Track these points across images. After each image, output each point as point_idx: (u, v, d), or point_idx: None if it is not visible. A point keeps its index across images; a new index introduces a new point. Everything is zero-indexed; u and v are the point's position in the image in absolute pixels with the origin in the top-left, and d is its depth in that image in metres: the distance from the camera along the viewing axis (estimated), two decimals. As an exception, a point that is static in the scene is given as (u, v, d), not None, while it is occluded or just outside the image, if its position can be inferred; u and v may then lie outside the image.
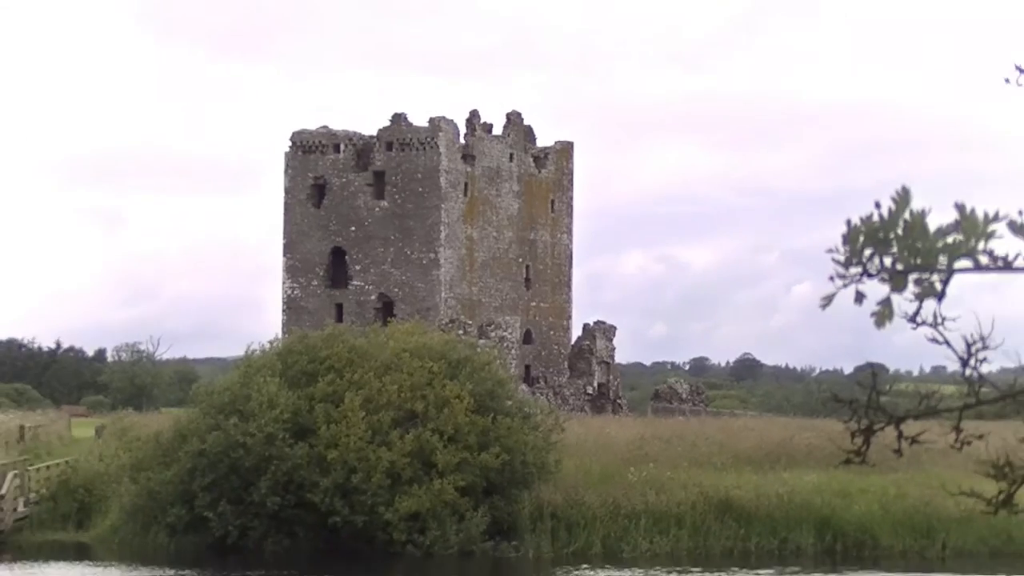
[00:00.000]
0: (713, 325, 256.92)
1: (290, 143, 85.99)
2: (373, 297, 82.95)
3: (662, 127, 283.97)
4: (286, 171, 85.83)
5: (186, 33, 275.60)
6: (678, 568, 42.34)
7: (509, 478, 45.93)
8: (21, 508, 49.99)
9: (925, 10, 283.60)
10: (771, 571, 41.83)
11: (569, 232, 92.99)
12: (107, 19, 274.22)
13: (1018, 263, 4.17)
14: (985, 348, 4.28)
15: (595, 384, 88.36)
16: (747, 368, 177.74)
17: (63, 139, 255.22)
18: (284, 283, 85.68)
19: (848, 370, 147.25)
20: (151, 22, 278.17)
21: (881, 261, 4.17)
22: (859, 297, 4.21)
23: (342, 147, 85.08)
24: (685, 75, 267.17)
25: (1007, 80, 4.48)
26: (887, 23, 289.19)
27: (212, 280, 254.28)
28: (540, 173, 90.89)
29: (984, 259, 4.16)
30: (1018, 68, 4.45)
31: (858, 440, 4.50)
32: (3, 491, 49.23)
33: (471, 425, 45.87)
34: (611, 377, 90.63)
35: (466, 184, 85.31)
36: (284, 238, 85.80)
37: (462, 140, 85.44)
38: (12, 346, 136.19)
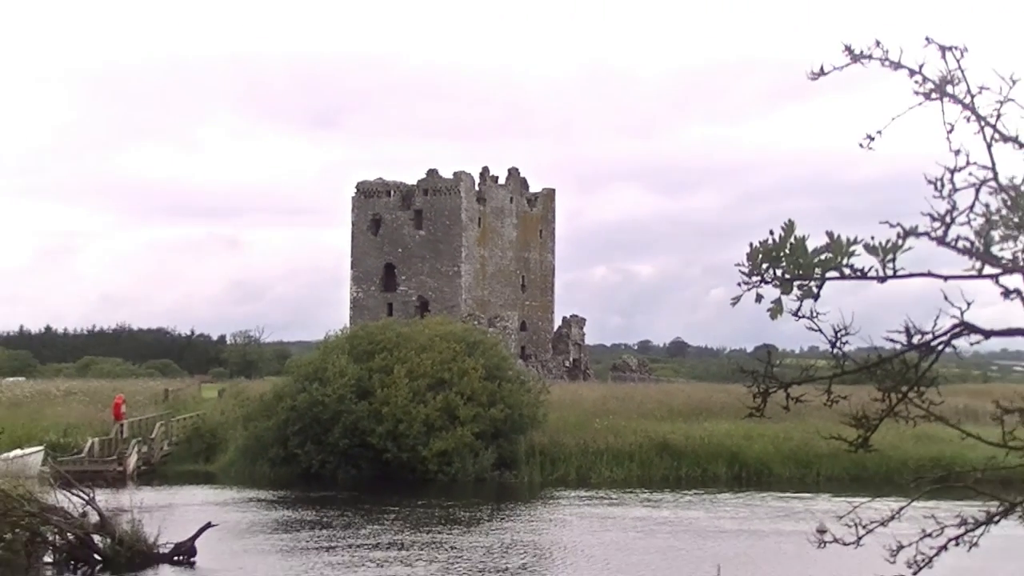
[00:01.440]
0: (655, 317, 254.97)
1: (355, 190, 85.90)
2: (414, 298, 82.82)
3: (618, 178, 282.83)
4: (352, 209, 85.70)
5: (284, 111, 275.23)
6: (630, 489, 42.29)
7: (510, 426, 45.85)
8: (166, 447, 49.97)
9: (801, 91, 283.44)
10: (696, 491, 41.76)
11: (552, 252, 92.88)
12: (240, 101, 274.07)
13: (871, 273, 4.17)
14: (847, 334, 4.28)
15: (571, 359, 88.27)
16: (679, 348, 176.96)
17: (200, 188, 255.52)
18: (351, 288, 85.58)
19: (750, 349, 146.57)
20: (264, 106, 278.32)
21: (774, 272, 4.18)
22: (758, 297, 4.21)
23: (392, 192, 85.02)
24: (634, 141, 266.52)
25: (861, 145, 4.49)
26: (770, 100, 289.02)
27: (300, 286, 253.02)
28: (532, 210, 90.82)
29: (847, 271, 4.16)
30: (868, 136, 4.45)
31: (758, 400, 4.50)
32: (153, 435, 49.34)
33: (483, 389, 45.80)
34: (582, 354, 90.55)
35: (479, 218, 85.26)
36: (351, 256, 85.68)
37: (477, 188, 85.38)
38: (160, 333, 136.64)
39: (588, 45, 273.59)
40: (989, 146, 4.27)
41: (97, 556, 26.52)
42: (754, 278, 4.18)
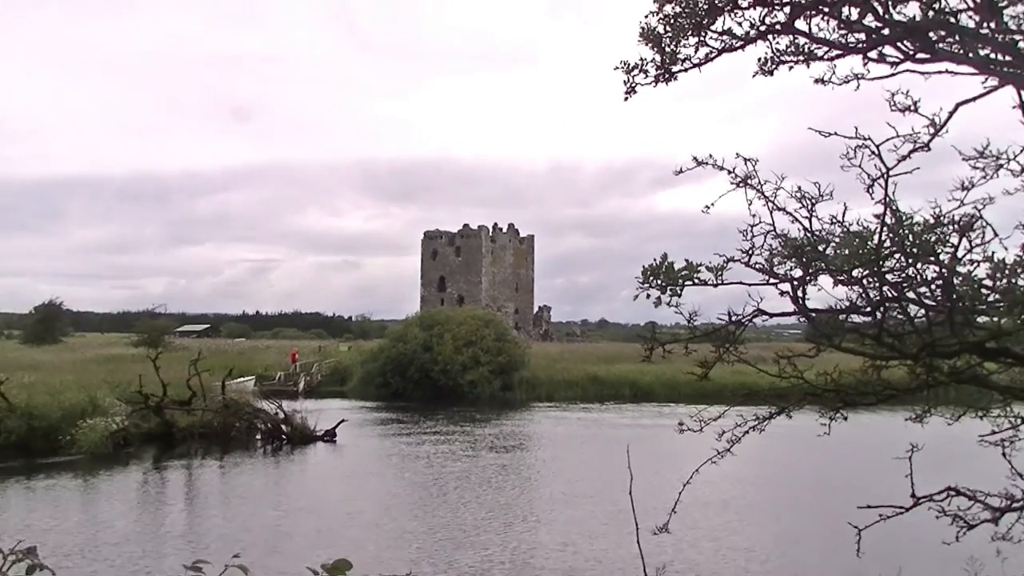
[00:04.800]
0: (591, 306, 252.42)
1: (423, 235, 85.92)
2: (455, 296, 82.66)
3: (569, 229, 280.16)
4: (422, 245, 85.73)
5: (384, 191, 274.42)
6: (575, 403, 42.02)
7: (509, 367, 45.42)
8: (319, 377, 49.77)
9: (671, 180, 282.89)
10: (612, 403, 41.50)
11: (533, 270, 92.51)
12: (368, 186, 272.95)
13: (709, 283, 4.19)
14: (697, 316, 4.30)
15: (543, 330, 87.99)
16: (604, 323, 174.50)
17: (337, 235, 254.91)
18: (421, 290, 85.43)
19: (643, 324, 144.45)
20: (373, 188, 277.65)
21: (656, 282, 4.19)
22: (648, 296, 4.22)
23: (443, 236, 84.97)
24: (579, 208, 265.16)
25: (702, 211, 4.49)
26: (655, 184, 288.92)
27: (392, 288, 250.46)
28: (521, 246, 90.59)
29: (696, 281, 4.18)
30: (707, 205, 4.45)
31: (647, 352, 4.51)
32: (312, 371, 49.23)
33: (494, 346, 45.30)
34: (549, 327, 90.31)
35: (492, 251, 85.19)
36: (420, 272, 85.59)
37: (490, 234, 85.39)
38: (317, 315, 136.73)
39: (553, 149, 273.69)
40: (771, 212, 4.30)
41: (283, 437, 26.58)
42: (645, 285, 4.20)
